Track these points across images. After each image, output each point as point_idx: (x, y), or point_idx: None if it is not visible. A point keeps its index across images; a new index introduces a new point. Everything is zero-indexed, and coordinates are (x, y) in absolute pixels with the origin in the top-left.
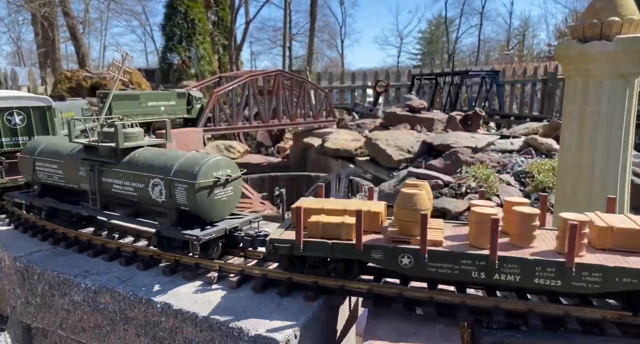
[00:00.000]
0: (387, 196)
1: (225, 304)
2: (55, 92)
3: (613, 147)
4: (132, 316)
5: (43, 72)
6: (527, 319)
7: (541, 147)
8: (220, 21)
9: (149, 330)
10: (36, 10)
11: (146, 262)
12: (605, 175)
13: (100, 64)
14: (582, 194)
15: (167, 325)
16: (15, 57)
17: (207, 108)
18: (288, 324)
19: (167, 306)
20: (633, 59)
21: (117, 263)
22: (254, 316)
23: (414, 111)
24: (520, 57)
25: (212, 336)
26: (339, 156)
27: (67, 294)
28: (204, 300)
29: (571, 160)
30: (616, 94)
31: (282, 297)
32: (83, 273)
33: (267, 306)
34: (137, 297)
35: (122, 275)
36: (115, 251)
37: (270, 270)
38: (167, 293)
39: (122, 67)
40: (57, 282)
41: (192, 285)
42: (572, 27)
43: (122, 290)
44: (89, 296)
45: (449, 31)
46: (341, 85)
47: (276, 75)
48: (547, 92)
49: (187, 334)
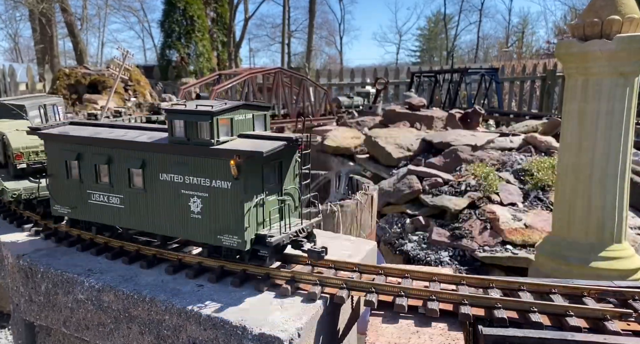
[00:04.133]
0: (387, 194)
1: (228, 303)
2: (53, 88)
3: (613, 145)
4: (136, 315)
5: (41, 69)
6: (528, 317)
7: (540, 145)
8: (219, 18)
9: (153, 328)
10: (34, 7)
11: (149, 261)
12: (605, 174)
13: (99, 61)
14: (581, 192)
15: (171, 323)
16: (13, 53)
17: None
18: (291, 322)
19: (171, 305)
20: (633, 58)
21: (120, 262)
22: (257, 315)
23: (413, 109)
24: (520, 55)
25: (216, 335)
26: (338, 154)
27: (70, 292)
28: (207, 299)
29: (571, 158)
30: (616, 92)
31: (285, 296)
32: (86, 272)
33: (270, 305)
34: (140, 295)
35: (126, 273)
36: (118, 249)
37: (271, 269)
38: (171, 292)
39: (122, 64)
40: (61, 280)
41: (194, 283)
42: (573, 26)
43: (125, 289)
44: (92, 294)
45: (447, 28)
46: (340, 82)
47: (276, 72)
48: (546, 90)
49: (191, 332)
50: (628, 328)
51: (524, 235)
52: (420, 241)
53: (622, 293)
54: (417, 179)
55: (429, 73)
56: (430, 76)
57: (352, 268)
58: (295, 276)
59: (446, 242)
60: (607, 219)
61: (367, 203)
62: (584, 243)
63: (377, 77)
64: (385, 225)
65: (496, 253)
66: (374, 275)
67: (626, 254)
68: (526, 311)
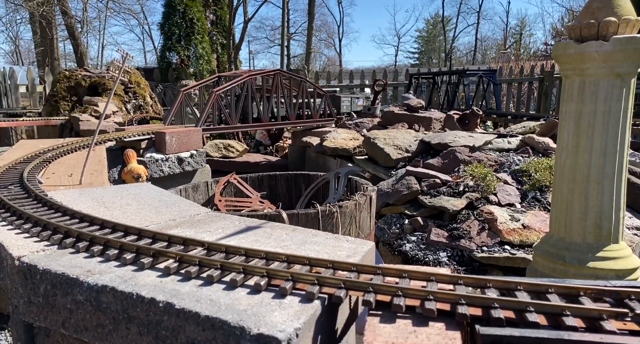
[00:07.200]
0: (385, 195)
1: (227, 303)
2: (54, 91)
3: (609, 146)
4: (135, 315)
5: (41, 71)
6: (525, 317)
7: (538, 146)
8: (219, 20)
9: (152, 329)
10: (34, 9)
11: (148, 261)
12: (602, 174)
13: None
14: (578, 193)
15: (170, 324)
16: (13, 55)
17: (207, 108)
18: (289, 323)
19: (169, 305)
20: (629, 59)
21: (120, 262)
22: (256, 315)
23: (411, 110)
24: (517, 56)
25: (215, 335)
26: (337, 155)
27: (69, 293)
28: (206, 299)
29: (568, 158)
30: (613, 94)
31: (283, 296)
32: (85, 273)
33: (268, 305)
34: (139, 296)
35: (124, 274)
36: (118, 250)
37: (271, 269)
38: (169, 292)
39: (122, 67)
40: (60, 281)
41: (193, 283)
42: (569, 27)
43: (124, 289)
44: (91, 295)
45: (446, 30)
46: (339, 84)
47: (275, 74)
48: (544, 91)
49: (189, 333)
50: (624, 328)
51: (521, 236)
52: (418, 242)
53: (618, 293)
54: (415, 180)
55: (427, 74)
56: (428, 78)
57: (350, 268)
58: (294, 276)
59: (444, 242)
60: (604, 219)
61: (365, 204)
62: (581, 243)
63: (375, 78)
64: (383, 225)
65: (494, 253)
66: (372, 274)
67: (623, 254)
68: (523, 311)
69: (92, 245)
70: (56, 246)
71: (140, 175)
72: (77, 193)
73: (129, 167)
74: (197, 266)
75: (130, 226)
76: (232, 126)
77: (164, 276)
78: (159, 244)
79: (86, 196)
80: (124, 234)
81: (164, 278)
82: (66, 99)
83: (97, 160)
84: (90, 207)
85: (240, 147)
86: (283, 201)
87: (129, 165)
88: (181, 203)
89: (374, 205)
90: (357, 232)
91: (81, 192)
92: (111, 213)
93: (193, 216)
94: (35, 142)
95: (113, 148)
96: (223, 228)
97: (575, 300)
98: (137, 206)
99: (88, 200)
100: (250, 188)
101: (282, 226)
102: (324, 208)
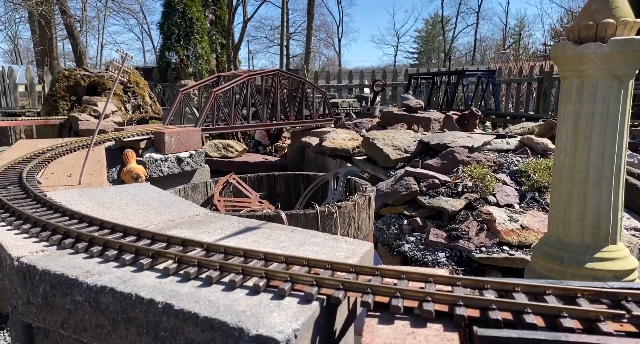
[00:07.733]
0: (384, 195)
1: (226, 304)
2: (53, 90)
3: (607, 147)
4: (134, 316)
5: (40, 70)
6: (523, 318)
7: (537, 147)
8: (218, 20)
9: (150, 330)
10: (33, 8)
11: (147, 262)
12: (600, 175)
13: (98, 63)
14: (576, 193)
15: (169, 325)
16: (12, 55)
17: (206, 108)
18: (288, 324)
19: (168, 306)
20: (627, 61)
21: (119, 263)
22: (254, 316)
23: (410, 110)
24: (516, 56)
25: (213, 336)
26: (336, 155)
27: (68, 294)
28: (204, 300)
29: (566, 159)
30: (611, 95)
31: (282, 297)
32: (84, 273)
33: (267, 306)
34: (138, 297)
35: (124, 275)
36: (117, 250)
37: (270, 270)
38: (168, 293)
39: (121, 67)
40: (59, 282)
41: (192, 284)
42: (568, 29)
43: (123, 290)
44: (90, 296)
45: (445, 30)
46: (338, 84)
47: (274, 74)
48: (543, 92)
49: (188, 334)
50: (621, 329)
51: (520, 236)
52: (417, 242)
53: (616, 294)
54: (414, 180)
55: (426, 75)
56: (427, 78)
57: (349, 269)
58: (292, 277)
59: (443, 243)
60: (602, 220)
61: (364, 204)
62: (579, 244)
63: (375, 79)
64: (382, 226)
65: (493, 254)
66: (371, 276)
67: (621, 255)
68: (521, 313)
69: (91, 246)
70: (55, 246)
71: (140, 175)
72: (76, 193)
73: (128, 167)
74: (196, 267)
75: (130, 226)
76: (231, 126)
77: (163, 277)
78: (158, 245)
79: (85, 197)
80: (123, 235)
81: (163, 279)
82: (65, 99)
83: (96, 160)
84: (90, 207)
85: (240, 147)
86: (282, 201)
87: (128, 165)
88: (180, 203)
89: (373, 205)
90: (356, 232)
91: (80, 192)
92: (110, 214)
93: (192, 217)
94: (34, 141)
95: (112, 148)
96: (222, 228)
97: (572, 302)
98: (136, 207)
99: (87, 200)
100: (249, 188)
101: (281, 227)
102: (323, 208)
